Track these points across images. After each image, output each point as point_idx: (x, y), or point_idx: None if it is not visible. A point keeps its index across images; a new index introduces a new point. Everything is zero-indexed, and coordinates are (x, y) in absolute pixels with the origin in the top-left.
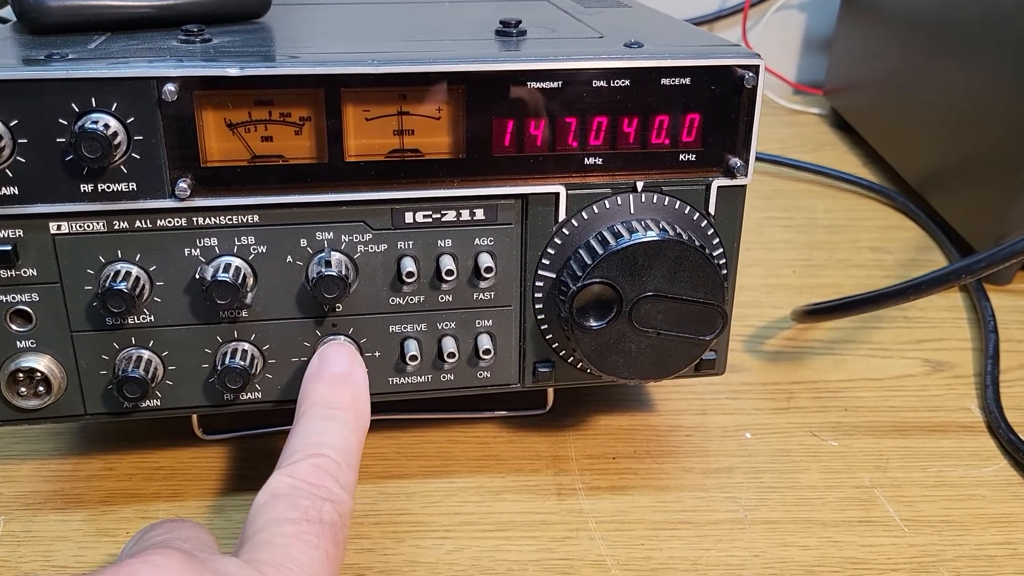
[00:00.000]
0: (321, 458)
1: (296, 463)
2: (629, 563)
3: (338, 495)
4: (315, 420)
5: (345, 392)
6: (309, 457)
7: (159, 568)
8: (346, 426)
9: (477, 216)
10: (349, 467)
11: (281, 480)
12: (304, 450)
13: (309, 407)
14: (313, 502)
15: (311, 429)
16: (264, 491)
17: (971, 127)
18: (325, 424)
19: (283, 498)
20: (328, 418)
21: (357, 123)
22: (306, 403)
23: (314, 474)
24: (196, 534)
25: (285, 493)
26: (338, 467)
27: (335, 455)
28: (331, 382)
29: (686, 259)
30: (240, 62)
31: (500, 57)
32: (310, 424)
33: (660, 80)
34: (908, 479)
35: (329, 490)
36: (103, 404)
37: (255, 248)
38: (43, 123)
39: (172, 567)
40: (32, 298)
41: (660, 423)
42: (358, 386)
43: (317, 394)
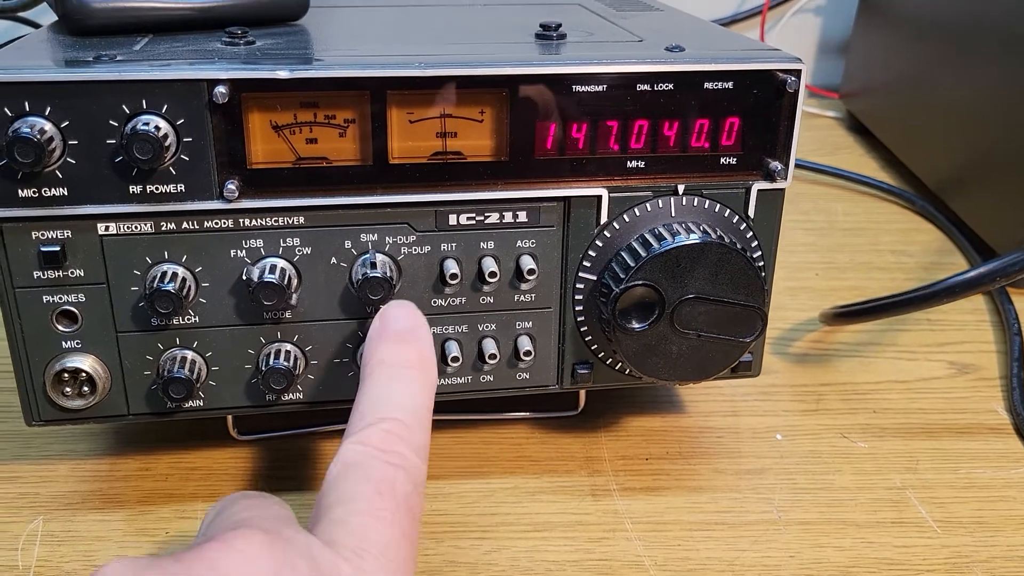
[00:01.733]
0: (391, 422)
1: (365, 429)
2: (667, 563)
3: (411, 461)
4: (382, 381)
5: (411, 349)
6: (378, 422)
7: (241, 554)
8: (414, 385)
9: (520, 218)
10: (420, 428)
11: (351, 448)
12: (373, 414)
13: (375, 367)
14: (385, 472)
15: (379, 391)
16: (336, 461)
17: (990, 130)
18: (393, 385)
19: (354, 468)
20: (395, 378)
21: (401, 125)
22: (371, 363)
23: (385, 440)
24: (277, 511)
25: (356, 462)
26: (409, 430)
27: (405, 417)
28: (396, 340)
29: (727, 262)
30: (288, 64)
31: (544, 60)
32: (377, 386)
33: (703, 84)
34: (939, 480)
35: (401, 455)
36: (146, 404)
37: (300, 250)
38: (93, 124)
39: (254, 553)
40: (79, 298)
41: (691, 424)
42: (423, 342)
43: (383, 353)
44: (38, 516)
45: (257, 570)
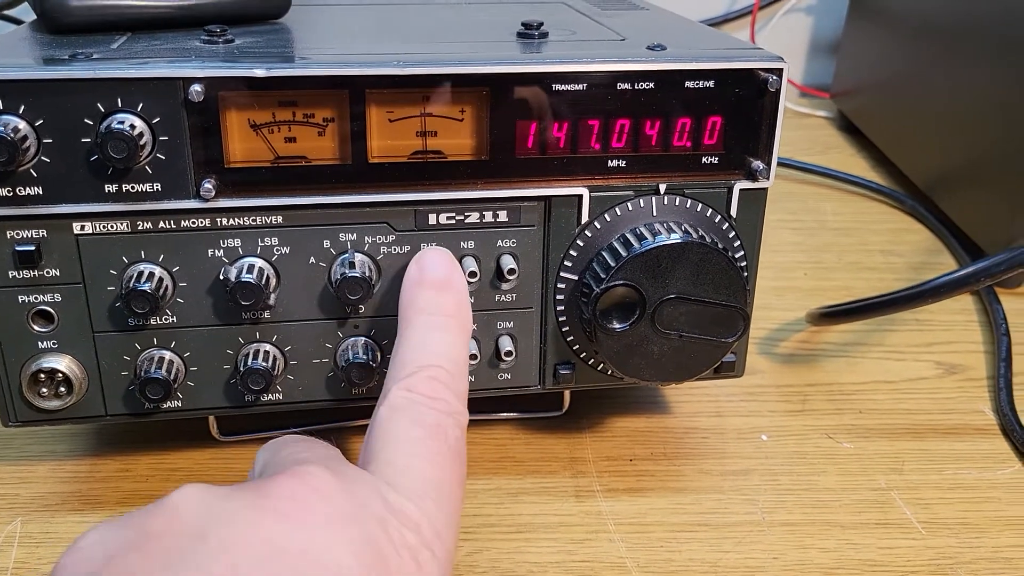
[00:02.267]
0: (436, 369)
1: (411, 376)
2: (649, 565)
3: (456, 407)
4: (424, 329)
5: (450, 298)
6: (423, 368)
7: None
8: (454, 334)
9: (500, 218)
10: (462, 376)
11: (399, 395)
12: (417, 361)
13: (415, 315)
14: (437, 418)
15: (420, 339)
16: (384, 405)
17: (980, 130)
18: (435, 334)
19: (403, 412)
20: (437, 327)
21: (380, 124)
22: (411, 311)
23: (431, 387)
24: (330, 452)
25: (404, 407)
26: (452, 377)
27: (448, 365)
28: (435, 287)
29: (709, 262)
30: (266, 63)
31: (525, 59)
32: (419, 334)
33: (684, 83)
34: (924, 481)
35: (447, 403)
36: (124, 405)
37: (278, 249)
38: (68, 123)
39: (328, 490)
40: (55, 298)
41: (676, 425)
42: (460, 292)
43: (423, 301)
44: (16, 518)
45: (333, 505)
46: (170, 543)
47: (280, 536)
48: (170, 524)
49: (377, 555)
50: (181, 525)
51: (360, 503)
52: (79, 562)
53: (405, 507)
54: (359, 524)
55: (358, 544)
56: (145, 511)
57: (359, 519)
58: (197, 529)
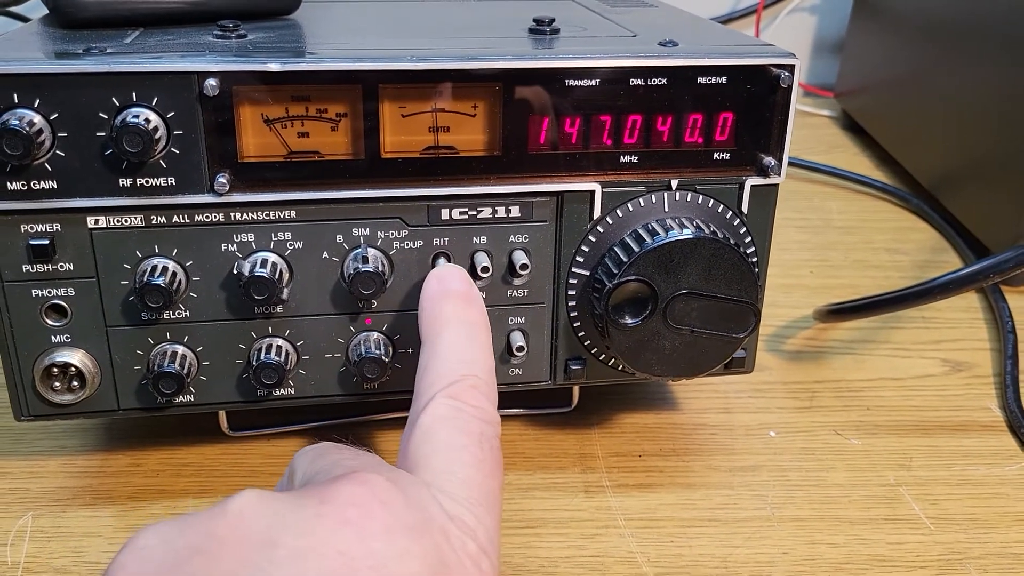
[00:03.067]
0: (475, 379)
1: (454, 384)
2: (659, 560)
3: (494, 416)
4: (458, 338)
5: (475, 309)
6: (464, 378)
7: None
8: (483, 344)
9: (512, 213)
10: (493, 385)
11: (445, 403)
12: (456, 371)
13: (443, 325)
14: (480, 427)
15: (455, 349)
16: (427, 414)
17: (985, 129)
18: (468, 343)
19: (448, 421)
20: (469, 337)
21: (393, 120)
22: (438, 322)
23: (473, 396)
24: (376, 459)
25: (449, 416)
26: (488, 386)
27: (484, 374)
28: (460, 298)
29: (721, 257)
30: (280, 58)
31: (537, 55)
32: (452, 344)
33: (696, 79)
34: (932, 478)
35: (487, 411)
36: (136, 399)
37: (291, 244)
38: (83, 117)
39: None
40: (68, 292)
41: (684, 421)
42: (481, 303)
43: (451, 311)
44: (27, 512)
45: (397, 514)
46: (239, 550)
47: (350, 545)
48: (236, 530)
49: (442, 563)
50: (248, 531)
51: (422, 512)
52: (140, 561)
53: (463, 514)
54: (423, 533)
55: (424, 553)
56: (207, 515)
57: (423, 528)
58: (266, 536)
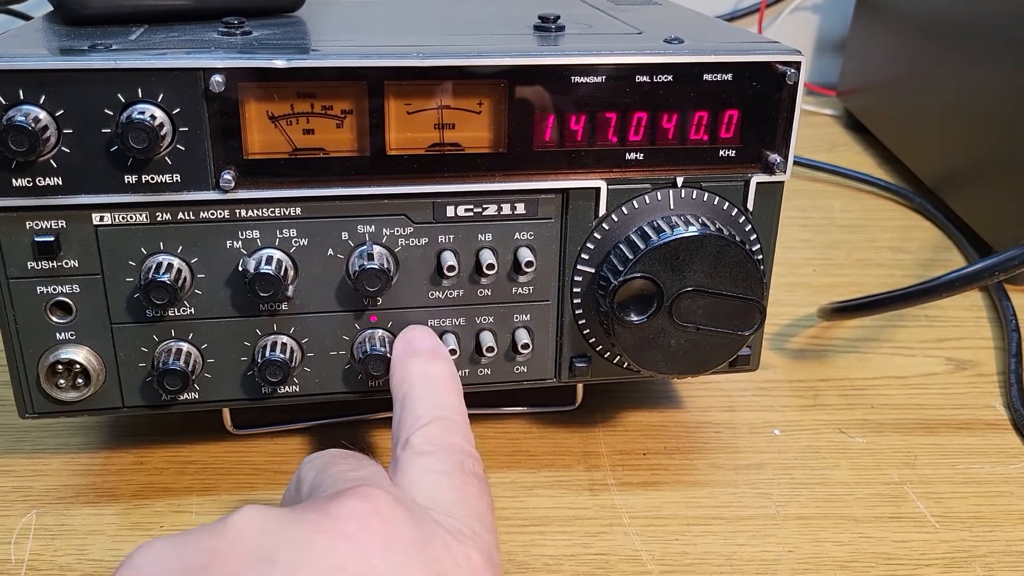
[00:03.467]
0: (447, 420)
1: (427, 425)
2: (664, 558)
3: (471, 451)
4: (426, 390)
5: (443, 365)
6: (436, 420)
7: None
8: (453, 393)
9: (518, 210)
10: (466, 422)
11: (420, 441)
12: (428, 414)
13: (414, 381)
14: (459, 459)
15: (426, 397)
16: (406, 452)
17: (988, 127)
18: (437, 392)
19: (428, 456)
20: (438, 387)
21: (399, 117)
22: (409, 379)
23: (447, 434)
24: (379, 471)
25: (428, 452)
26: (460, 427)
27: (457, 417)
28: (428, 356)
29: (726, 254)
30: (285, 54)
31: (543, 51)
32: (423, 393)
33: (702, 76)
34: (937, 476)
35: (463, 448)
36: (141, 397)
37: (297, 241)
38: (88, 113)
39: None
40: (73, 289)
41: (689, 419)
42: (449, 361)
43: (420, 368)
44: (31, 510)
45: (399, 528)
46: (236, 566)
47: (348, 561)
48: (234, 547)
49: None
50: (246, 548)
51: (422, 526)
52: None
53: (462, 529)
54: (424, 548)
55: (424, 567)
56: (206, 531)
57: (423, 543)
58: (264, 553)
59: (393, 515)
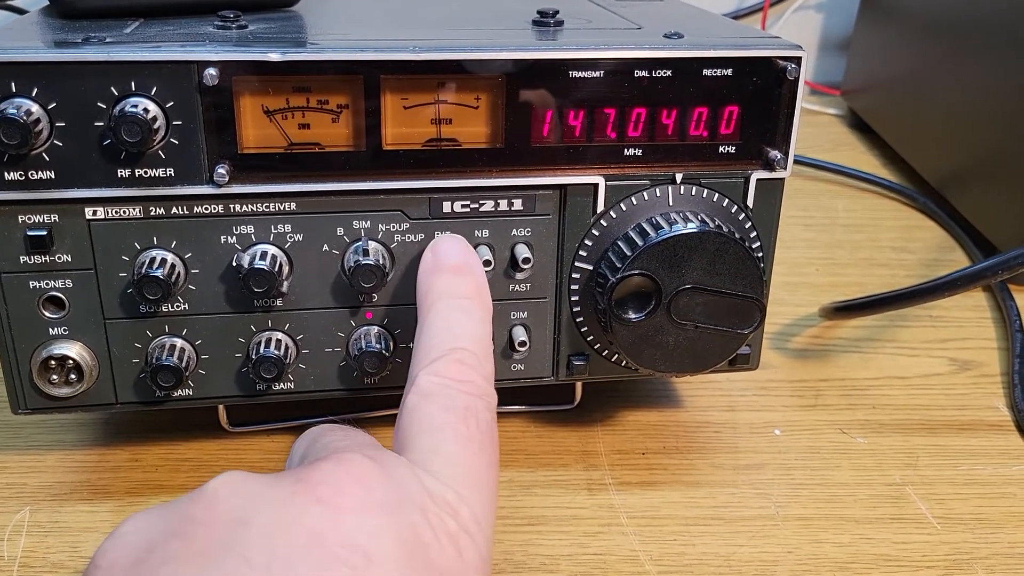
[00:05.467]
0: (462, 352)
1: (438, 360)
2: (662, 558)
3: (485, 389)
4: (445, 313)
5: (468, 281)
6: (449, 352)
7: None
8: (476, 316)
9: (515, 206)
10: (487, 357)
11: (428, 380)
12: (441, 345)
13: (435, 300)
14: (467, 401)
15: (443, 323)
16: (412, 393)
17: (993, 126)
18: (456, 316)
19: (434, 398)
20: (458, 309)
21: (395, 111)
22: (430, 297)
23: (459, 370)
24: (370, 440)
25: (434, 392)
26: (478, 359)
27: (473, 347)
28: (452, 272)
29: (726, 252)
30: (280, 48)
31: (541, 46)
32: (441, 319)
33: (701, 71)
34: (939, 477)
35: (476, 385)
36: (135, 393)
37: (292, 236)
38: (81, 106)
39: (368, 476)
40: (66, 284)
41: (688, 419)
42: (478, 274)
43: (441, 286)
44: (25, 507)
45: (373, 492)
46: (211, 530)
47: (321, 523)
48: (210, 511)
49: (417, 542)
50: (221, 512)
51: (399, 490)
52: (120, 547)
53: (444, 493)
54: (399, 511)
55: (399, 531)
56: (187, 499)
57: (399, 506)
58: (238, 516)
59: (369, 478)
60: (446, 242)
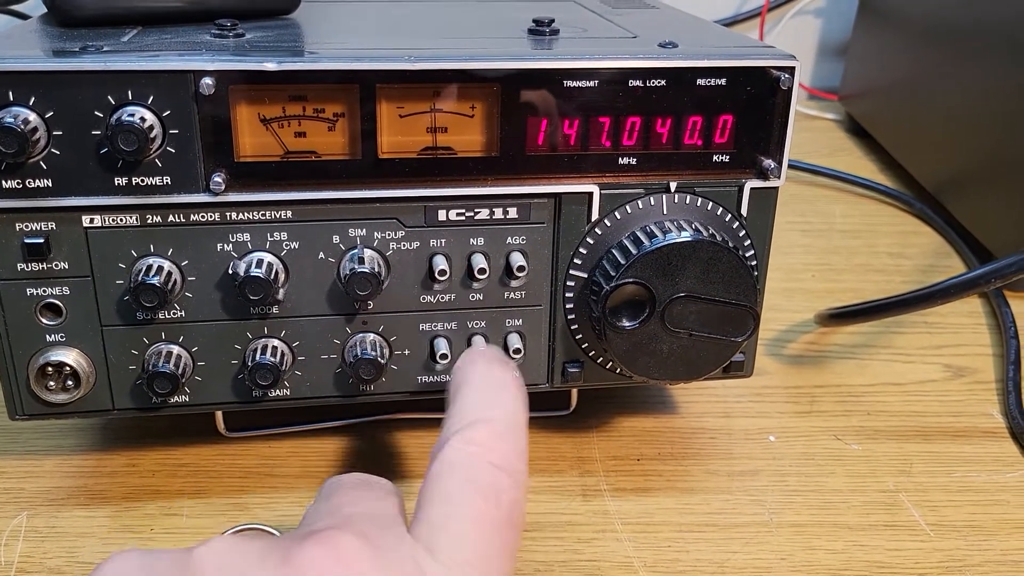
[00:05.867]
0: (496, 422)
1: (470, 426)
2: (656, 565)
3: (515, 465)
4: (482, 387)
5: (509, 371)
6: (483, 421)
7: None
8: (513, 395)
9: (510, 215)
10: (523, 434)
11: (456, 447)
12: (475, 412)
13: (472, 378)
14: (492, 476)
15: (479, 396)
16: (440, 459)
17: (990, 132)
18: (494, 390)
19: (457, 467)
20: (495, 386)
21: (391, 120)
22: (468, 375)
23: (490, 438)
24: (383, 508)
25: (460, 461)
26: (513, 432)
27: (508, 418)
28: (495, 361)
29: (719, 260)
30: (277, 57)
31: (536, 55)
32: (477, 391)
33: (696, 80)
34: (932, 484)
35: (506, 457)
36: (131, 399)
37: (288, 244)
38: (78, 115)
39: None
40: (63, 291)
41: (683, 425)
42: (516, 371)
43: (483, 368)
44: (22, 511)
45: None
46: None
47: None
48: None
49: None
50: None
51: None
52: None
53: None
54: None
55: None
56: (173, 557)
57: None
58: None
59: (357, 564)
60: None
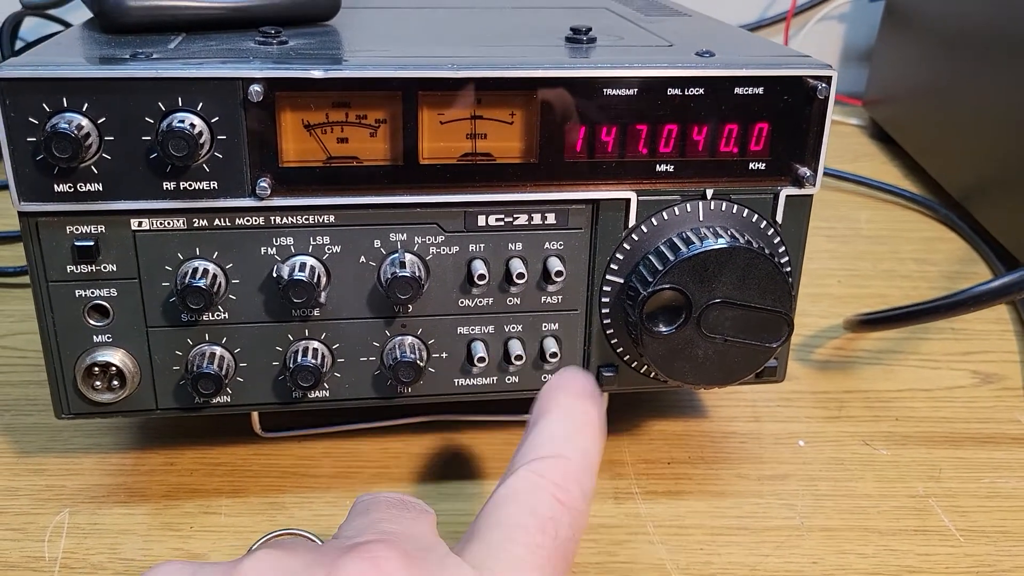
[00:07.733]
0: (567, 460)
1: (543, 460)
2: (689, 567)
3: (577, 503)
4: (563, 422)
5: (593, 407)
6: (557, 456)
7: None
8: (593, 435)
9: (548, 220)
10: (593, 475)
11: (525, 476)
12: (551, 447)
13: (554, 408)
14: (553, 510)
15: (558, 428)
16: (507, 484)
17: (1016, 138)
18: (572, 426)
19: (524, 496)
20: (576, 423)
21: (432, 126)
22: (550, 404)
23: (559, 474)
24: (421, 528)
25: (527, 491)
26: (584, 472)
27: (581, 457)
28: (580, 394)
29: (755, 267)
30: (322, 65)
31: (575, 63)
32: (557, 423)
33: (733, 89)
34: (962, 489)
35: (570, 494)
36: (174, 399)
37: (330, 248)
38: (129, 121)
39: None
40: (111, 293)
41: (713, 429)
42: (600, 404)
43: (566, 401)
44: (64, 508)
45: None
46: None
47: None
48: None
49: None
50: None
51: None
52: None
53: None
54: None
55: None
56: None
57: None
58: None
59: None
60: (574, 370)
